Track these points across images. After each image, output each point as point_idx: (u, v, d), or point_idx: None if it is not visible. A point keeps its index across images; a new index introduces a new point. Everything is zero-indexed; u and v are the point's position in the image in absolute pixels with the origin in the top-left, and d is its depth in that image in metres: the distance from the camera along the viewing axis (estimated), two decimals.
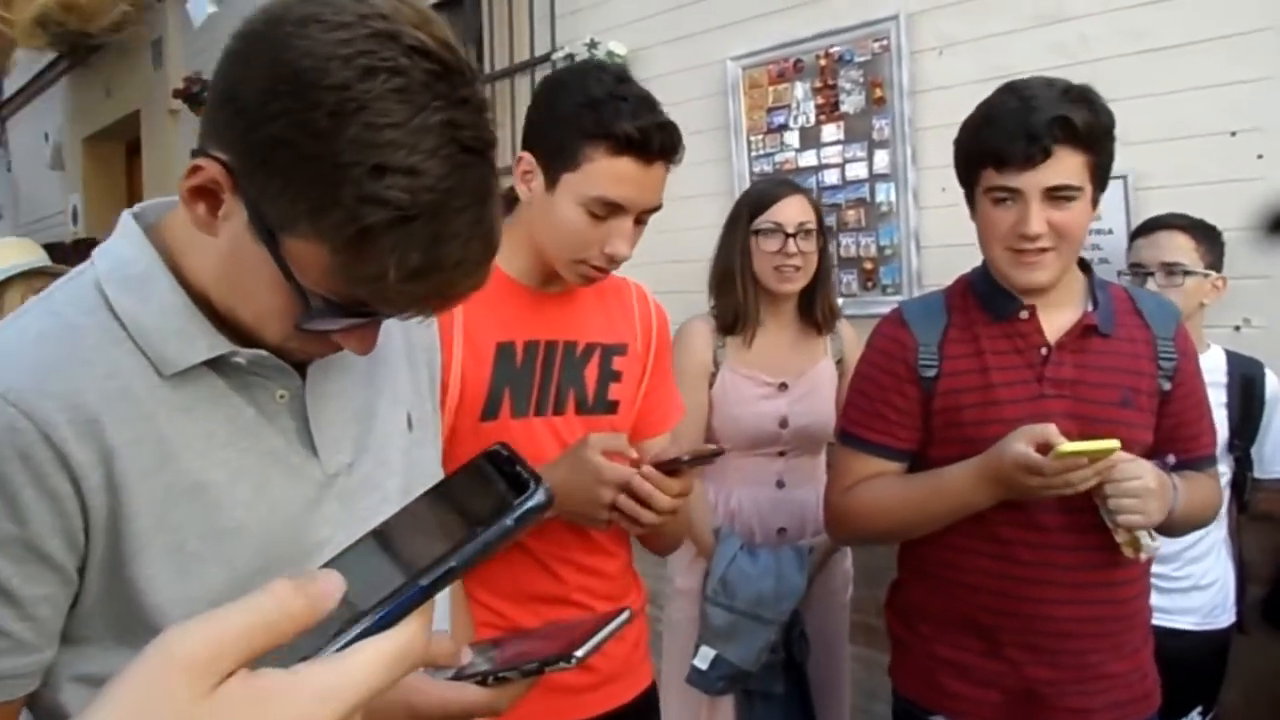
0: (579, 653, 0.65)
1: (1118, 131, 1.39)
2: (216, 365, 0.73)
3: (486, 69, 4.02)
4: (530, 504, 0.43)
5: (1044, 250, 1.34)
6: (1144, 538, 1.32)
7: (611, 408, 1.36)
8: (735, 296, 2.10)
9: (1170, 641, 1.64)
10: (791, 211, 2.04)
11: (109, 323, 0.71)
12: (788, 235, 2.02)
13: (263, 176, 0.64)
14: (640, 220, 1.26)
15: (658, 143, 1.20)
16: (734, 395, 2.07)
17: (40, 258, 2.47)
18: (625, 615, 0.73)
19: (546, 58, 3.67)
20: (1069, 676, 1.39)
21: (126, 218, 0.77)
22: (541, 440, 1.28)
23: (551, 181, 1.23)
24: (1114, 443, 1.24)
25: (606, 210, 1.21)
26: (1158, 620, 1.53)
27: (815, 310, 2.13)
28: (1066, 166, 1.31)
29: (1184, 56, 2.24)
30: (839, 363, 2.17)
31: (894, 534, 1.51)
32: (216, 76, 0.67)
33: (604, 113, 1.18)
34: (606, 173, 1.19)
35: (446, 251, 0.64)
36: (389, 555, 0.44)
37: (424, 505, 0.49)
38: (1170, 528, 1.40)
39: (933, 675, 1.48)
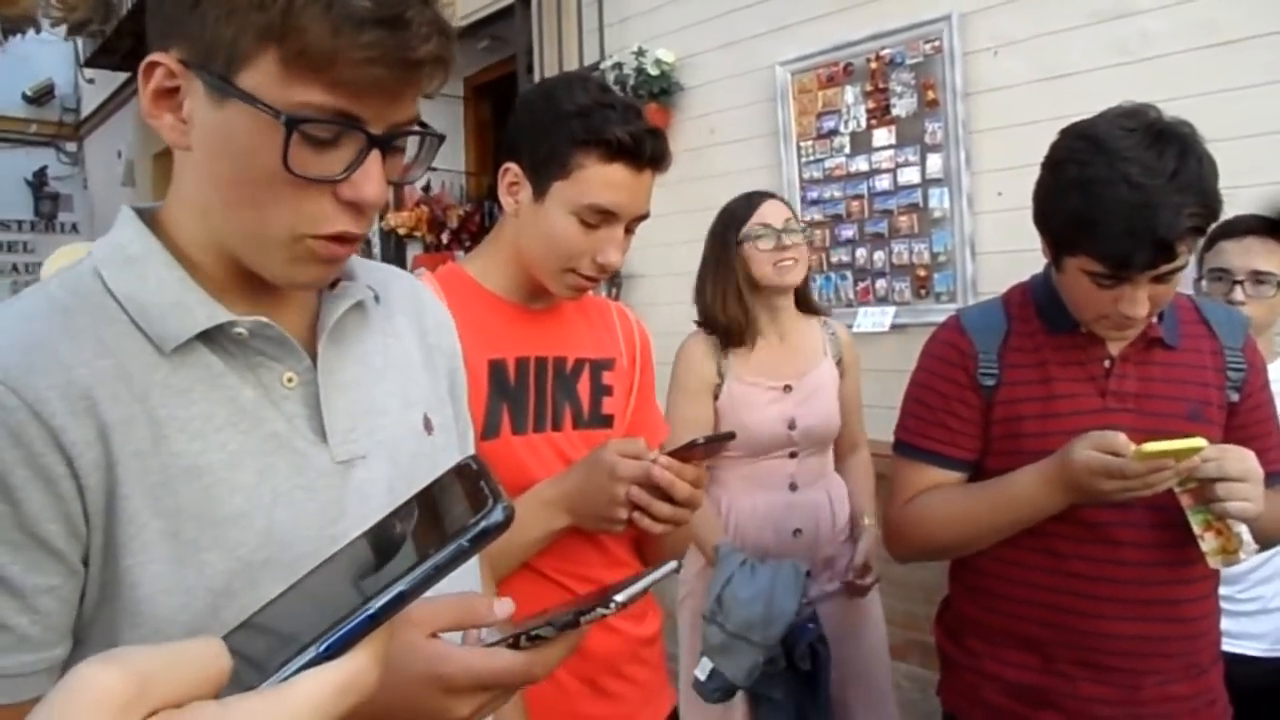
0: (619, 597, 0.59)
1: None
2: (216, 344, 0.71)
3: (537, 79, 4.05)
4: (486, 523, 0.41)
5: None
6: (1245, 534, 1.25)
7: (607, 422, 1.35)
8: (737, 311, 2.13)
9: (1239, 668, 1.55)
10: (774, 212, 2.11)
11: (105, 303, 0.69)
12: (779, 231, 2.07)
13: (196, 23, 0.64)
14: (630, 229, 1.25)
15: (649, 149, 1.20)
16: (742, 403, 2.10)
17: None
18: (671, 565, 0.66)
19: (595, 67, 3.68)
20: (1127, 697, 1.33)
21: (124, 209, 0.76)
22: (545, 456, 1.27)
23: (541, 191, 1.22)
24: (1200, 441, 1.18)
25: (598, 218, 1.20)
26: (1224, 645, 1.45)
27: (812, 300, 2.21)
28: (1183, 255, 1.23)
29: (1256, 49, 2.14)
30: (839, 363, 2.20)
31: (957, 547, 1.45)
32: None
33: (594, 119, 1.17)
34: (599, 179, 1.19)
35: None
36: (347, 578, 0.43)
37: (386, 524, 0.48)
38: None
39: (981, 692, 1.43)
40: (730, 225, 2.15)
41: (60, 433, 0.63)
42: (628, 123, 1.18)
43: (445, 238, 5.15)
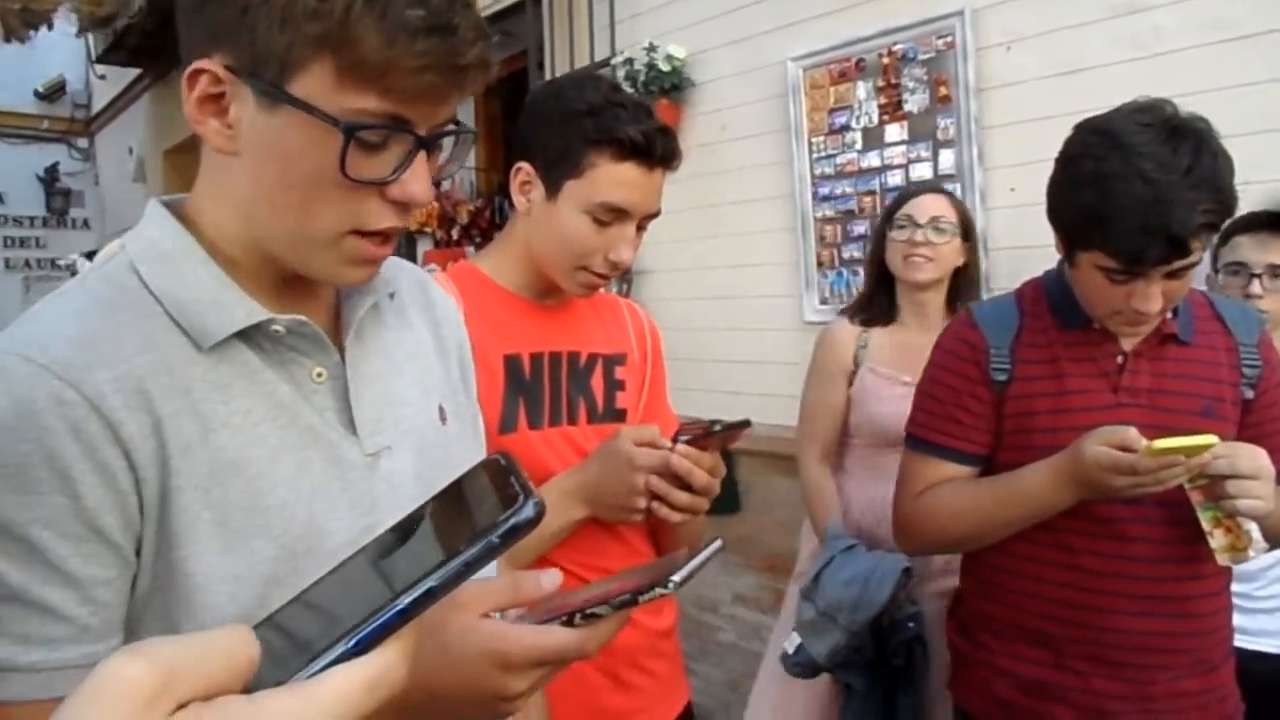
0: (676, 577, 0.60)
1: None
2: (253, 341, 0.73)
3: (547, 75, 4.05)
4: (516, 520, 0.41)
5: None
6: (1255, 532, 1.26)
7: (620, 416, 1.37)
8: (867, 287, 2.25)
9: (1255, 665, 1.56)
10: (926, 206, 2.11)
11: (144, 298, 0.70)
12: (918, 226, 2.08)
13: (246, 32, 0.65)
14: (641, 226, 1.27)
15: (660, 147, 1.22)
16: (872, 394, 2.13)
17: None
18: (717, 544, 0.65)
19: (606, 63, 3.68)
20: (1138, 692, 1.33)
21: (153, 203, 0.77)
22: (560, 450, 1.29)
23: (553, 190, 1.24)
24: (1211, 438, 1.19)
25: (611, 216, 1.22)
26: (1239, 642, 1.46)
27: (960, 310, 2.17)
28: (1196, 251, 1.24)
29: (1269, 45, 2.14)
30: None
31: (967, 540, 1.46)
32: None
33: (606, 118, 1.19)
34: (611, 178, 1.20)
35: (433, 9, 0.65)
36: (375, 574, 0.43)
37: (415, 519, 0.47)
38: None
39: (992, 686, 1.43)
40: (890, 208, 2.19)
41: (119, 427, 0.65)
42: (639, 122, 1.20)
43: (455, 234, 5.15)
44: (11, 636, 0.62)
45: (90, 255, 4.77)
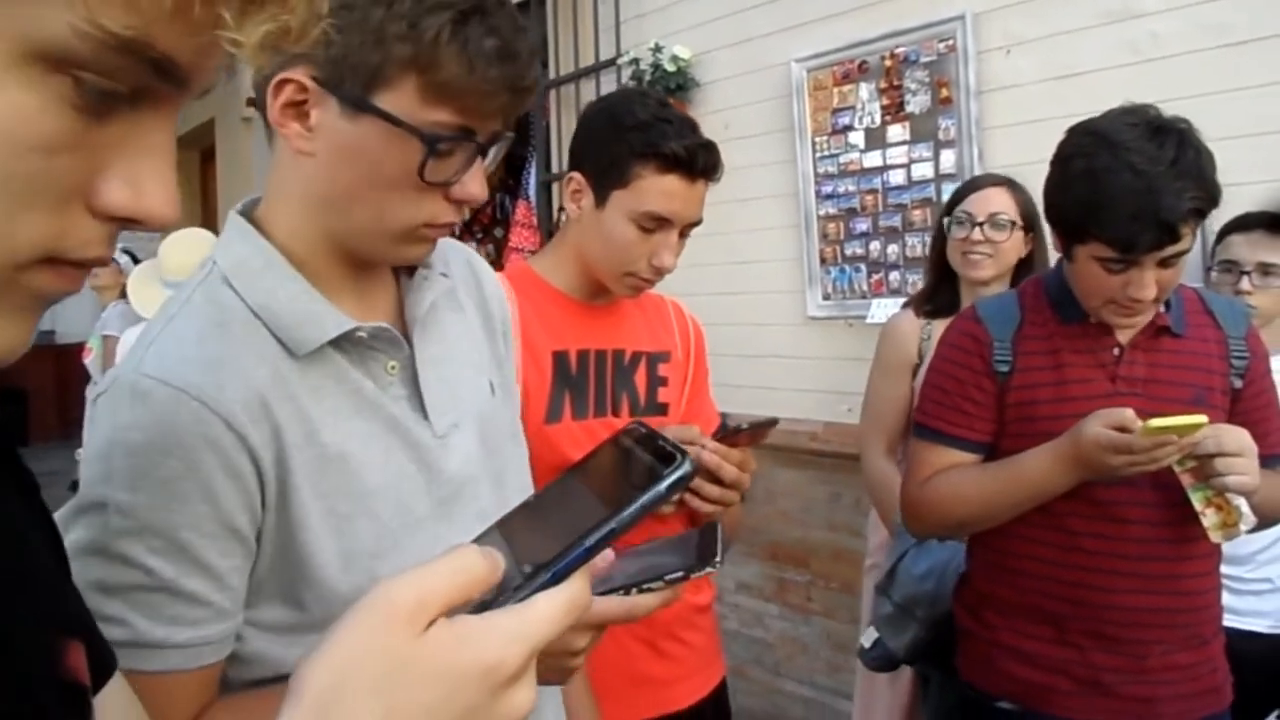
0: (719, 559, 0.73)
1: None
2: (338, 345, 0.80)
3: (552, 74, 4.10)
4: (681, 472, 0.47)
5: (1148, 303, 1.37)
6: (1244, 507, 1.32)
7: (662, 410, 1.45)
8: (929, 280, 2.26)
9: (1245, 644, 1.63)
10: (984, 202, 2.10)
11: (246, 313, 0.78)
12: (976, 224, 2.07)
13: (338, 51, 0.72)
14: (684, 234, 1.35)
15: (701, 161, 1.30)
16: None
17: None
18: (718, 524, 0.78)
19: (611, 62, 3.73)
20: (1134, 666, 1.41)
21: (235, 217, 0.83)
22: (601, 438, 1.35)
23: (601, 199, 1.32)
24: (1202, 418, 1.27)
25: (654, 224, 1.30)
26: (1230, 622, 1.53)
27: None
28: (1186, 238, 1.31)
29: (1262, 51, 2.20)
30: None
31: (971, 522, 1.53)
32: None
33: (652, 133, 1.28)
34: (655, 189, 1.29)
35: (505, 39, 0.74)
36: (551, 521, 0.50)
37: (573, 477, 0.54)
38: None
39: (998, 662, 1.50)
40: (950, 201, 2.18)
41: (247, 438, 0.73)
42: (683, 136, 1.28)
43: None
44: (165, 619, 0.72)
45: (126, 252, 4.89)
